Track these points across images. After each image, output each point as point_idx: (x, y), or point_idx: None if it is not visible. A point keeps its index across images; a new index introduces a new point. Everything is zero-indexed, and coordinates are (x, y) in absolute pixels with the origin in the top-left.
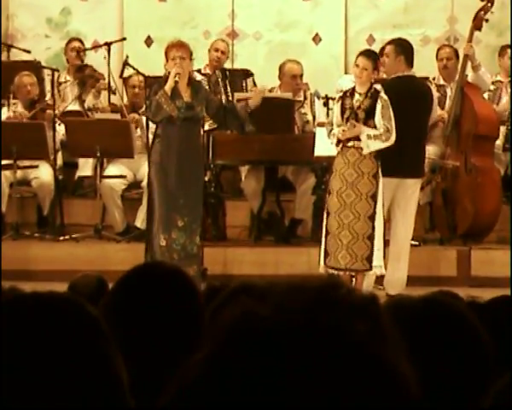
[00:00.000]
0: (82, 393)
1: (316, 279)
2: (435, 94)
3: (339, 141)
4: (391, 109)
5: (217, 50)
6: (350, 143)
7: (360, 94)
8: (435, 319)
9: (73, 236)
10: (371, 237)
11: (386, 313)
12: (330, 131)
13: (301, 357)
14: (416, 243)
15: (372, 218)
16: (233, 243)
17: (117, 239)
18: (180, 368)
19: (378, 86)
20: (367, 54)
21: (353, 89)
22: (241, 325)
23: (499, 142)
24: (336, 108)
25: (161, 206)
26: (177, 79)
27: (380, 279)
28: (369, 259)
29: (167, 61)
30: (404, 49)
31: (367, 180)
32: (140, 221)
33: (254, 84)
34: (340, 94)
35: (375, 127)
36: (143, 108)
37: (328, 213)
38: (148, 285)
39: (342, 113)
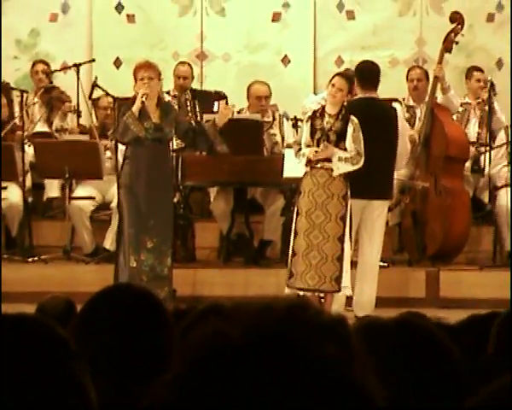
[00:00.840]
0: None
1: (284, 300)
2: (405, 115)
3: (309, 161)
4: (361, 133)
5: (179, 78)
6: (319, 164)
7: (330, 115)
8: (406, 339)
9: (42, 257)
10: (340, 259)
11: (357, 335)
12: (299, 150)
13: (270, 377)
14: (385, 264)
15: (341, 239)
16: (202, 265)
17: (86, 260)
18: (149, 387)
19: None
20: (344, 75)
21: (323, 109)
22: (211, 346)
23: (467, 163)
24: (305, 127)
25: (131, 227)
26: (143, 99)
27: (349, 300)
28: (338, 280)
29: (136, 82)
30: (359, 71)
31: (336, 201)
32: (109, 243)
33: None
34: (310, 114)
35: (345, 150)
36: (112, 130)
37: (295, 234)
38: (116, 307)
39: (312, 133)
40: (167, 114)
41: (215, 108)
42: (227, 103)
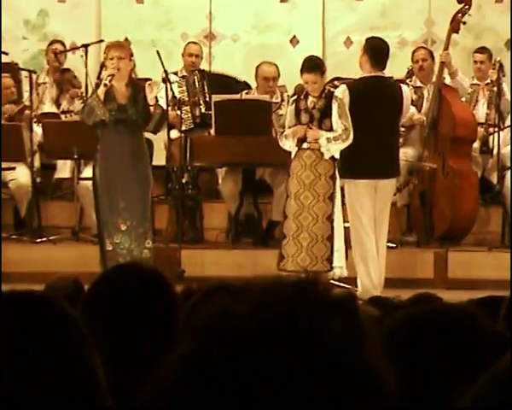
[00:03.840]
0: (59, 390)
1: (292, 277)
2: (412, 95)
3: (298, 140)
4: (347, 108)
5: (191, 55)
6: (305, 145)
7: (314, 96)
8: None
9: (50, 238)
10: (330, 238)
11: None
12: (282, 133)
13: (278, 355)
14: (393, 245)
15: (330, 218)
16: (210, 245)
17: (94, 241)
18: (157, 366)
19: (343, 86)
20: (310, 68)
21: (307, 92)
22: (219, 323)
23: (476, 144)
24: (289, 110)
25: (104, 210)
26: (106, 81)
27: (352, 280)
28: (330, 259)
29: (106, 61)
30: (370, 48)
31: (324, 181)
32: None
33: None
34: (295, 98)
35: (331, 127)
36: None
37: (285, 217)
38: (123, 286)
39: (297, 115)
40: (136, 93)
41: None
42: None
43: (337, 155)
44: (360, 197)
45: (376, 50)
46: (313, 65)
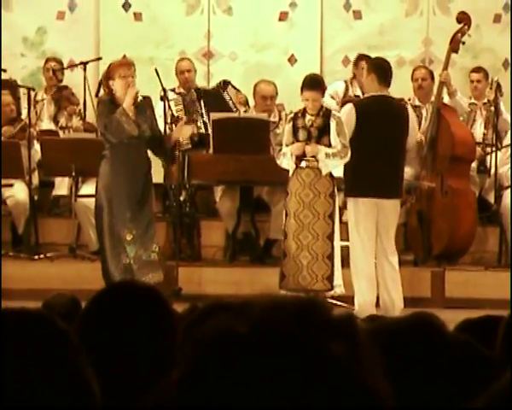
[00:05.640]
0: (52, 406)
1: (292, 297)
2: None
3: (296, 158)
4: (345, 126)
5: (182, 72)
6: (304, 164)
7: (312, 114)
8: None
9: (48, 255)
10: (331, 257)
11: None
12: (279, 151)
13: (278, 375)
14: None
15: (331, 237)
16: (208, 263)
17: (91, 258)
18: (156, 386)
19: (349, 105)
20: (312, 86)
21: (304, 109)
22: (218, 344)
23: (473, 164)
24: (287, 127)
25: (116, 226)
26: (129, 98)
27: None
28: (330, 278)
29: (113, 79)
30: (376, 67)
31: (324, 200)
32: None
33: (237, 90)
34: (292, 115)
35: (329, 145)
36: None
37: (285, 236)
38: (121, 304)
39: (294, 133)
40: (142, 112)
41: (227, 98)
42: (235, 87)
43: (335, 173)
44: (362, 216)
45: (382, 69)
46: (315, 82)
